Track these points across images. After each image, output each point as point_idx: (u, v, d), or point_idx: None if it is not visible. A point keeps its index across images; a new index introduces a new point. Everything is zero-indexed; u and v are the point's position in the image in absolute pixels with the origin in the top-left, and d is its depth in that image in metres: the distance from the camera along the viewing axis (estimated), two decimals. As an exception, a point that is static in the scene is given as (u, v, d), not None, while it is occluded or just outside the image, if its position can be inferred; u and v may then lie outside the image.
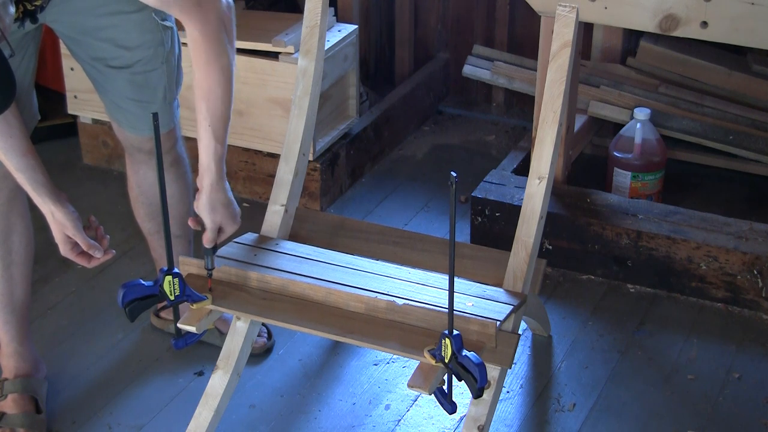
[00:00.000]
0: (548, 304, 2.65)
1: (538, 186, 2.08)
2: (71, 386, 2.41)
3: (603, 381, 2.40)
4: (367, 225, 2.41)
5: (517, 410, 2.33)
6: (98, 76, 2.16)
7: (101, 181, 3.24)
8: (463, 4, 3.56)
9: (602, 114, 3.08)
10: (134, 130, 2.23)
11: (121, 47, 2.10)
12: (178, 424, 2.24)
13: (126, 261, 2.83)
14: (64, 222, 1.97)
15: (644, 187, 2.94)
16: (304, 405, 2.35)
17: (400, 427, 2.28)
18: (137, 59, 2.12)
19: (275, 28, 2.98)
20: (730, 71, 3.11)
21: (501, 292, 2.06)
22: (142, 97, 2.17)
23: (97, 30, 2.08)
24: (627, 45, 3.22)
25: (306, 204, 3.03)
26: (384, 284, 2.06)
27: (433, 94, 3.61)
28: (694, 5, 2.36)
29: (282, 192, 2.27)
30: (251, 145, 3.04)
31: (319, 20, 2.24)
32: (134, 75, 2.14)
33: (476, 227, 2.83)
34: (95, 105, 3.09)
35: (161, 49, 2.14)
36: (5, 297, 2.25)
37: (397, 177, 3.26)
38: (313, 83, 2.26)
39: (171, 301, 1.94)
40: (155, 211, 2.37)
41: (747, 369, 2.43)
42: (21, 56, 2.04)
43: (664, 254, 2.64)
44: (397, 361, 2.47)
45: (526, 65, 3.33)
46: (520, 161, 2.97)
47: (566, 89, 2.07)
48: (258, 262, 2.13)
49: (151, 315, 2.57)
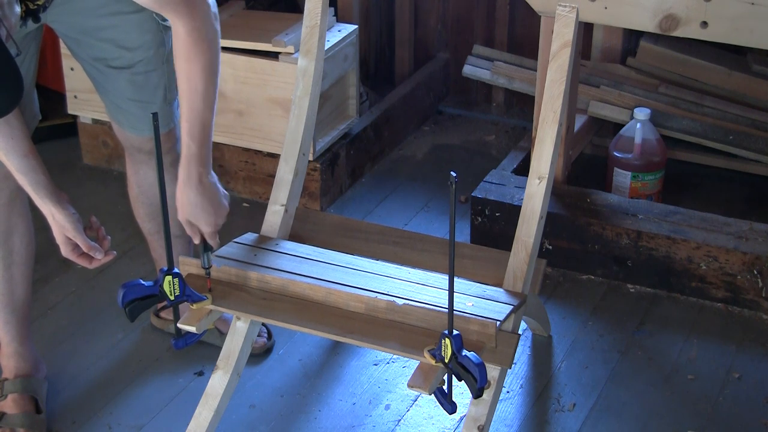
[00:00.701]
0: (548, 304, 2.65)
1: (538, 186, 2.08)
2: (71, 386, 2.41)
3: (603, 381, 2.40)
4: (367, 225, 2.41)
5: (517, 410, 2.33)
6: (99, 76, 2.16)
7: (101, 181, 3.24)
8: (463, 4, 3.56)
9: (602, 114, 3.08)
10: (134, 131, 2.23)
11: (122, 48, 2.10)
12: (178, 424, 2.24)
13: (126, 261, 2.83)
14: (64, 223, 1.97)
15: (644, 187, 2.94)
16: (304, 405, 2.35)
17: (400, 427, 2.28)
18: (138, 60, 2.12)
19: (275, 28, 2.98)
20: (730, 71, 3.11)
21: (501, 292, 2.06)
22: (143, 98, 2.17)
23: (97, 30, 2.08)
24: (627, 45, 3.22)
25: (306, 204, 3.02)
26: (384, 284, 2.06)
27: (433, 94, 3.61)
28: (694, 5, 2.36)
29: (282, 192, 2.27)
30: (251, 145, 3.04)
31: (319, 20, 2.24)
32: (135, 75, 2.14)
33: (476, 227, 2.83)
34: (95, 105, 3.09)
35: (162, 50, 2.14)
36: (6, 297, 2.25)
37: (397, 177, 3.26)
38: (313, 83, 2.26)
39: (171, 301, 1.94)
40: (155, 211, 2.37)
41: (747, 369, 2.43)
42: (23, 56, 2.04)
43: (664, 254, 2.64)
44: (397, 361, 2.47)
45: (526, 65, 3.33)
46: (520, 161, 2.97)
47: (566, 89, 2.07)
48: (258, 262, 2.13)
49: (151, 315, 2.57)
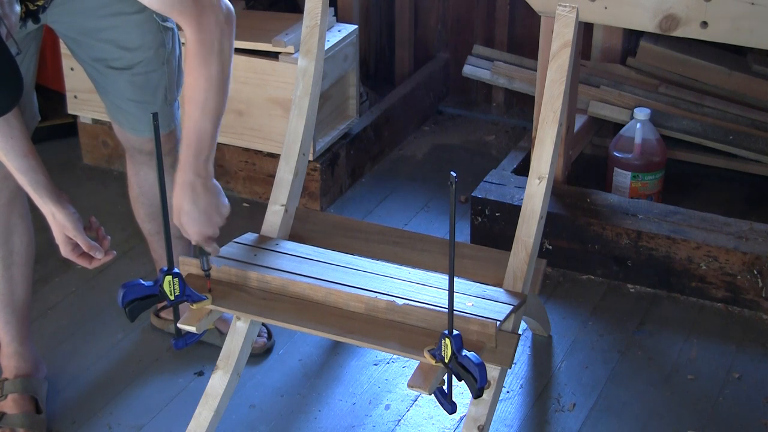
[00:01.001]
0: (548, 304, 2.65)
1: (538, 186, 2.08)
2: (71, 386, 2.41)
3: (603, 381, 2.40)
4: (367, 225, 2.41)
5: (517, 410, 2.33)
6: (99, 77, 2.16)
7: (101, 181, 3.24)
8: (463, 4, 3.56)
9: (602, 114, 3.08)
10: (135, 131, 2.23)
11: (123, 48, 2.10)
12: (178, 424, 2.24)
13: (126, 261, 2.83)
14: (64, 223, 1.97)
15: (644, 187, 2.94)
16: (304, 405, 2.35)
17: (400, 427, 2.28)
18: (138, 60, 2.12)
19: (275, 28, 2.97)
20: (730, 71, 3.11)
21: (501, 292, 2.06)
22: (143, 98, 2.17)
23: (98, 31, 2.08)
24: (627, 45, 3.22)
25: (306, 204, 3.02)
26: (384, 284, 2.06)
27: (433, 94, 3.61)
28: (694, 5, 2.36)
29: (282, 192, 2.27)
30: (251, 145, 3.04)
31: (319, 20, 2.24)
32: (135, 76, 2.13)
33: (476, 227, 2.83)
34: (95, 105, 3.09)
35: (162, 51, 2.14)
36: (6, 297, 2.25)
37: (397, 177, 3.26)
38: (313, 83, 2.26)
39: (171, 301, 1.94)
40: (156, 211, 2.37)
41: (747, 369, 2.43)
42: (23, 56, 2.04)
43: (664, 254, 2.64)
44: (397, 361, 2.47)
45: (526, 65, 3.33)
46: (520, 161, 2.97)
47: (566, 89, 2.07)
48: (258, 262, 2.13)
49: (151, 315, 2.57)
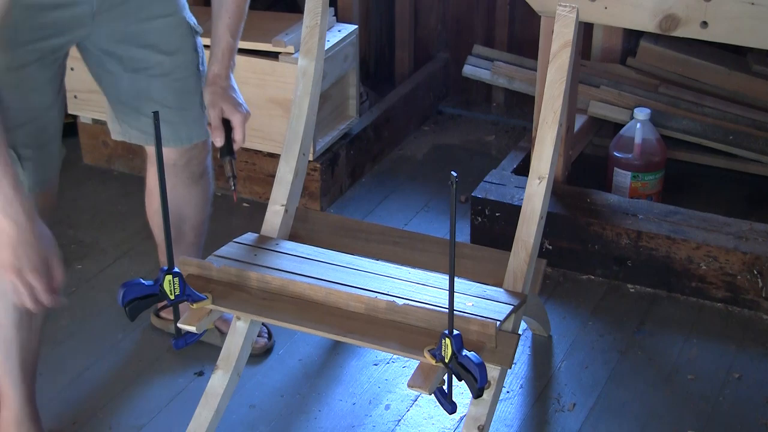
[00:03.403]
0: (548, 304, 2.65)
1: (538, 186, 2.08)
2: (71, 386, 2.41)
3: (603, 381, 2.40)
4: (367, 225, 2.41)
5: (517, 410, 2.33)
6: (138, 92, 2.11)
7: (101, 181, 3.24)
8: (463, 4, 3.56)
9: (602, 114, 3.08)
10: (177, 142, 2.18)
11: (163, 53, 2.09)
12: (178, 424, 2.24)
13: (126, 261, 2.83)
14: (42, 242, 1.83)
15: (644, 187, 2.94)
16: (304, 405, 2.35)
17: (400, 427, 2.28)
18: (177, 65, 2.11)
19: (275, 28, 2.97)
20: (730, 71, 3.11)
21: (501, 292, 2.06)
22: (183, 105, 2.15)
23: (139, 36, 2.06)
24: (627, 45, 3.22)
25: (306, 204, 3.02)
26: (384, 284, 2.06)
27: (433, 94, 3.61)
28: (694, 5, 2.36)
29: (282, 192, 2.27)
30: (251, 145, 3.04)
31: (319, 20, 2.24)
32: (175, 82, 2.12)
33: (476, 227, 2.83)
34: (95, 105, 3.09)
35: (195, 55, 2.14)
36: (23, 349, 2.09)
37: (397, 177, 3.26)
38: (313, 83, 2.26)
39: (171, 300, 1.93)
40: (175, 222, 2.29)
41: (747, 369, 2.43)
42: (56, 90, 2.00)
43: (664, 254, 2.64)
44: (397, 361, 2.47)
45: (526, 65, 3.33)
46: (520, 161, 2.97)
47: (566, 89, 2.07)
48: (258, 262, 2.13)
49: (151, 315, 2.57)
